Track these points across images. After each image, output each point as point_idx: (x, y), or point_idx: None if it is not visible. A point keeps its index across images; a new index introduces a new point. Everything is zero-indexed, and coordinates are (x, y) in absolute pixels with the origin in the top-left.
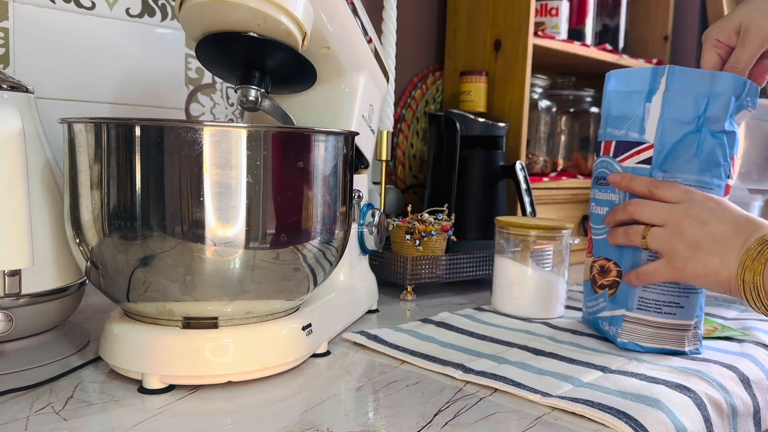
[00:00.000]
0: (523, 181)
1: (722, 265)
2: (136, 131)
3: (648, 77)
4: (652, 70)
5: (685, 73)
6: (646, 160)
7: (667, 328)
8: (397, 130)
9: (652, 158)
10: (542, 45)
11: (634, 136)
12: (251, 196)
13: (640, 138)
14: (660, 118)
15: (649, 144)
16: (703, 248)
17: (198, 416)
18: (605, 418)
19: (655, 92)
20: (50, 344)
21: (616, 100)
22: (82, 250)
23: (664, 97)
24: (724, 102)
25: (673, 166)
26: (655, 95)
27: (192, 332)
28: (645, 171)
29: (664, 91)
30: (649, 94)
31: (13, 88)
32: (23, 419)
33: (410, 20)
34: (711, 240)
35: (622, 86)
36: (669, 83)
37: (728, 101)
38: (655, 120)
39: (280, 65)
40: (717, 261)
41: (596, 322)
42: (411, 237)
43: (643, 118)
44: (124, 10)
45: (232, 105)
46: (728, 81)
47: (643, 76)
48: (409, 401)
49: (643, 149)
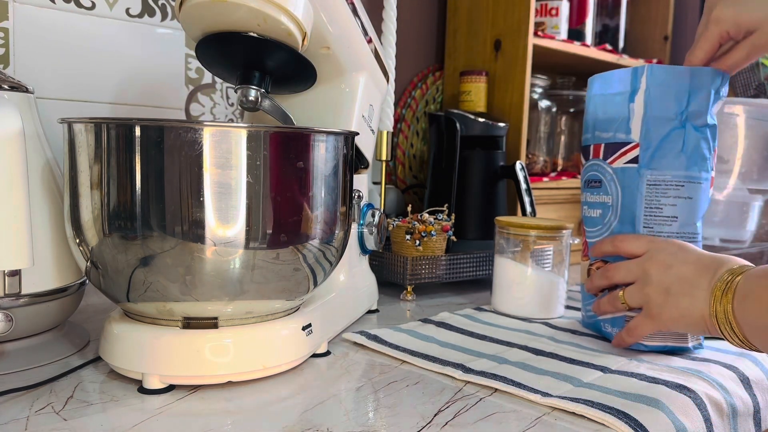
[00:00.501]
0: (523, 181)
1: (693, 305)
2: (136, 131)
3: (629, 78)
4: (632, 70)
5: (664, 71)
6: (633, 159)
7: None
8: (397, 130)
9: (638, 157)
10: (542, 45)
11: (621, 137)
12: (251, 196)
13: (626, 138)
14: (644, 117)
15: (635, 143)
16: (672, 291)
17: (198, 416)
18: (605, 418)
19: (637, 92)
20: (50, 344)
21: (601, 104)
22: (82, 250)
23: (646, 95)
24: (705, 96)
25: (661, 163)
26: (637, 95)
27: (192, 332)
28: (633, 170)
29: (645, 90)
30: (632, 95)
31: (13, 88)
32: (23, 419)
33: (410, 20)
34: (678, 282)
35: (605, 89)
36: (649, 82)
37: (708, 95)
38: (639, 119)
39: (280, 65)
40: (687, 302)
41: (597, 325)
42: (411, 237)
43: (628, 118)
44: (124, 10)
45: (232, 105)
46: (707, 75)
47: (624, 78)
48: (409, 401)
49: (630, 149)
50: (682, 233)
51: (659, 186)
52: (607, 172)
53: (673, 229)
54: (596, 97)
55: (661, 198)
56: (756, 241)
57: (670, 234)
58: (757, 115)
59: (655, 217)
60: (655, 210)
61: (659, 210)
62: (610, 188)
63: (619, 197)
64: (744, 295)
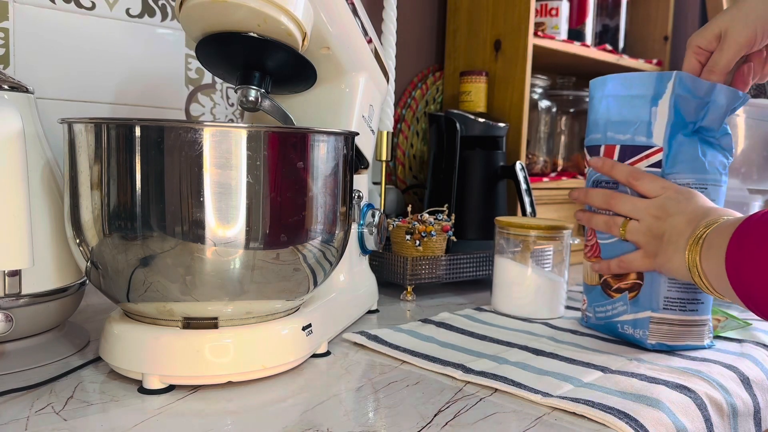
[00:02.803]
0: (523, 181)
1: (676, 253)
2: (136, 131)
3: (653, 81)
4: (658, 75)
5: (691, 80)
6: (656, 164)
7: (691, 325)
8: (397, 131)
9: (662, 161)
10: (542, 45)
11: (642, 140)
12: (251, 197)
13: (647, 142)
14: (668, 122)
15: (658, 147)
16: (665, 239)
17: (198, 416)
18: (606, 419)
19: (661, 96)
20: (50, 344)
21: (615, 105)
22: (82, 251)
23: (671, 101)
24: (721, 112)
25: (683, 167)
26: (661, 99)
27: (192, 332)
28: (657, 174)
29: (671, 96)
30: (655, 98)
31: (13, 88)
32: (23, 419)
33: (410, 20)
34: (671, 231)
35: (621, 90)
36: (676, 88)
37: (724, 111)
38: (663, 124)
39: (280, 65)
40: (672, 249)
41: (614, 327)
42: (411, 237)
43: (650, 122)
44: (124, 11)
45: (232, 105)
46: (726, 93)
47: (646, 81)
48: (409, 401)
49: (652, 153)
50: None
51: None
52: None
53: None
54: (609, 98)
55: None
56: None
57: None
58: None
59: None
60: None
61: None
62: (628, 190)
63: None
64: (708, 246)
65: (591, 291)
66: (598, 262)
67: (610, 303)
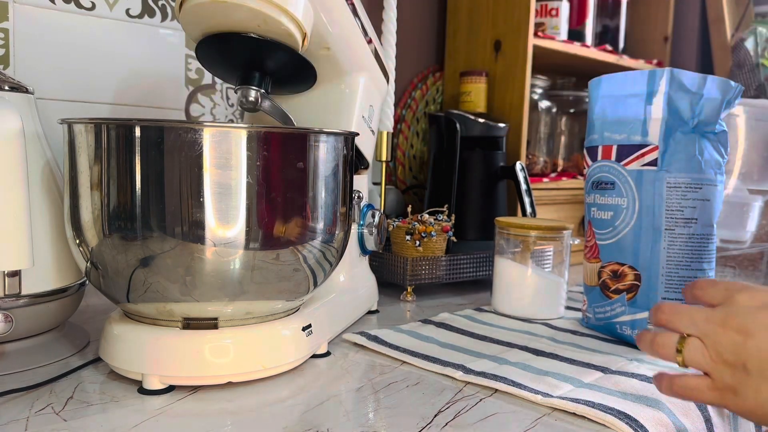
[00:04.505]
0: (523, 181)
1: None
2: (136, 132)
3: (645, 80)
4: (649, 73)
5: (683, 76)
6: (652, 162)
7: None
8: (397, 131)
9: (657, 160)
10: (542, 46)
11: (637, 139)
12: (251, 197)
13: (643, 140)
14: (663, 120)
15: (654, 146)
16: (752, 371)
17: (198, 417)
18: (606, 419)
19: (655, 94)
20: (50, 345)
21: (611, 105)
22: (82, 251)
23: (665, 99)
24: (717, 105)
25: (679, 166)
26: (655, 97)
27: (192, 333)
28: (652, 173)
29: (665, 94)
30: (649, 97)
31: (13, 89)
32: (23, 420)
33: (410, 20)
34: (759, 360)
35: (616, 90)
36: (669, 86)
37: (720, 104)
38: (657, 122)
39: (280, 66)
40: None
41: (612, 327)
42: (411, 237)
43: (644, 120)
44: (124, 11)
45: (232, 105)
46: (719, 84)
47: (638, 79)
48: (409, 402)
49: (648, 151)
50: (701, 234)
51: (679, 188)
52: (620, 174)
53: (693, 230)
54: (604, 98)
55: (681, 200)
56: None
57: (691, 235)
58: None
59: (675, 219)
60: (676, 212)
61: (680, 212)
62: (624, 190)
63: (635, 200)
64: None
65: (591, 292)
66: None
67: (608, 304)
